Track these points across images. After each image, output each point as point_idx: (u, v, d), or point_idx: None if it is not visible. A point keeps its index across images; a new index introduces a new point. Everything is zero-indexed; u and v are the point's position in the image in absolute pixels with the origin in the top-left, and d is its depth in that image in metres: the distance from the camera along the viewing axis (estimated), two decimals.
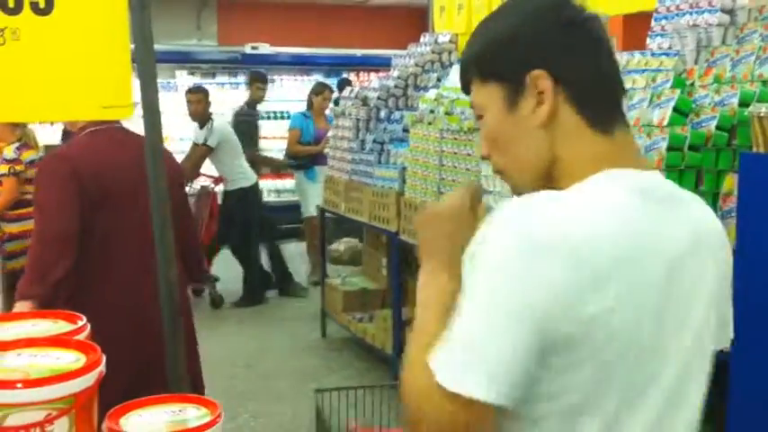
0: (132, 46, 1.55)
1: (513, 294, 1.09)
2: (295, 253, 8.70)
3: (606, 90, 1.25)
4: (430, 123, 5.06)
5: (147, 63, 1.45)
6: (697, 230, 1.24)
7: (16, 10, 1.41)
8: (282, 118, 11.50)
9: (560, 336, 1.10)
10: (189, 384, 1.51)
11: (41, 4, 1.41)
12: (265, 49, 11.68)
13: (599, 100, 1.23)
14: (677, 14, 4.04)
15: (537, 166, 1.24)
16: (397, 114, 6.10)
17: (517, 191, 1.28)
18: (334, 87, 8.97)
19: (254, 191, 7.45)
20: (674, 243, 1.20)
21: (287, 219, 9.02)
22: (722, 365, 2.65)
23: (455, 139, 4.71)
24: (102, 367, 1.10)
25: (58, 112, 1.51)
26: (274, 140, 11.23)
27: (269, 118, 11.59)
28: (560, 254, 1.08)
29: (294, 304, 7.39)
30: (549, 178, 1.24)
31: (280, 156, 9.20)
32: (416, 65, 6.35)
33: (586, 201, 1.16)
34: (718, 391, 3.72)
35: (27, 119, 1.39)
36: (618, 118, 1.25)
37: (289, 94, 11.53)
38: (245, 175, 7.30)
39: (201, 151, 7.14)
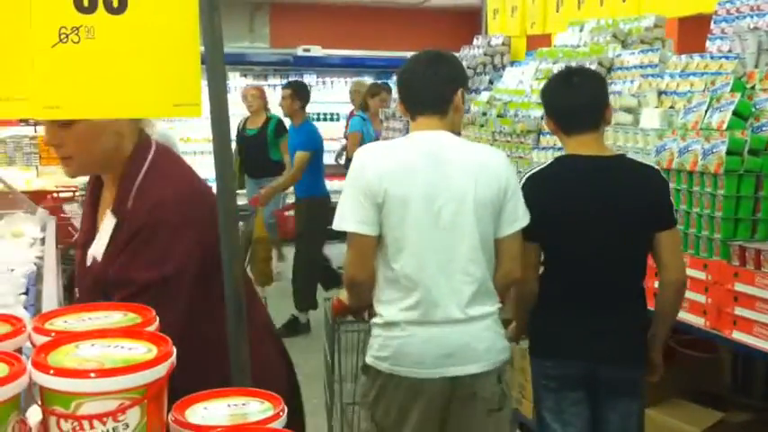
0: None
1: (354, 187, 2.54)
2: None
3: (411, 99, 2.68)
4: (482, 126, 5.05)
5: (216, 63, 1.48)
6: (462, 160, 2.56)
7: (90, 9, 1.45)
8: (333, 120, 11.57)
9: (378, 202, 2.50)
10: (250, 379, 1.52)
11: (115, 3, 1.45)
12: (317, 51, 11.75)
13: (408, 104, 2.69)
14: (737, 17, 3.98)
15: None
16: None
17: None
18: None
19: None
20: (431, 162, 2.53)
21: None
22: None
23: (507, 141, 4.70)
24: (173, 358, 1.12)
25: (131, 110, 1.53)
26: (325, 142, 11.28)
27: (318, 120, 11.67)
28: (367, 169, 2.52)
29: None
30: None
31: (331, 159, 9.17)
32: (468, 67, 6.33)
33: (389, 145, 2.71)
34: (762, 395, 3.66)
35: (101, 115, 1.42)
36: (419, 111, 2.65)
37: (339, 96, 11.58)
38: None
39: None
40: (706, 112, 3.34)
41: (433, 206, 2.50)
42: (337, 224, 2.55)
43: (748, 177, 3.06)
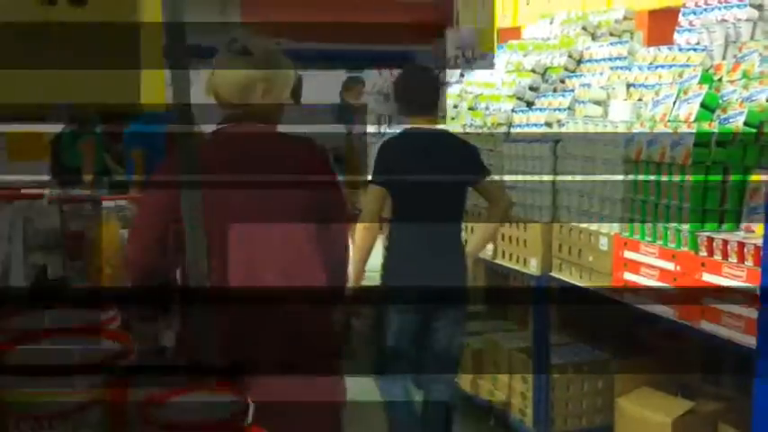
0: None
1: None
2: None
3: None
4: (453, 119, 5.05)
5: (179, 55, 1.46)
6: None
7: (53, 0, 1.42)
8: None
9: None
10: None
11: None
12: (290, 44, 11.70)
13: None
14: (705, 9, 4.01)
15: None
16: None
17: None
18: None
19: None
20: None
21: None
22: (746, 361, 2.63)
23: (478, 134, 4.70)
24: (133, 356, 1.11)
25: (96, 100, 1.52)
26: None
27: None
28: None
29: None
30: None
31: None
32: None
33: None
34: (744, 388, 3.70)
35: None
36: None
37: (313, 89, 11.51)
38: None
39: None
40: (674, 104, 3.36)
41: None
42: None
43: (716, 168, 3.08)
